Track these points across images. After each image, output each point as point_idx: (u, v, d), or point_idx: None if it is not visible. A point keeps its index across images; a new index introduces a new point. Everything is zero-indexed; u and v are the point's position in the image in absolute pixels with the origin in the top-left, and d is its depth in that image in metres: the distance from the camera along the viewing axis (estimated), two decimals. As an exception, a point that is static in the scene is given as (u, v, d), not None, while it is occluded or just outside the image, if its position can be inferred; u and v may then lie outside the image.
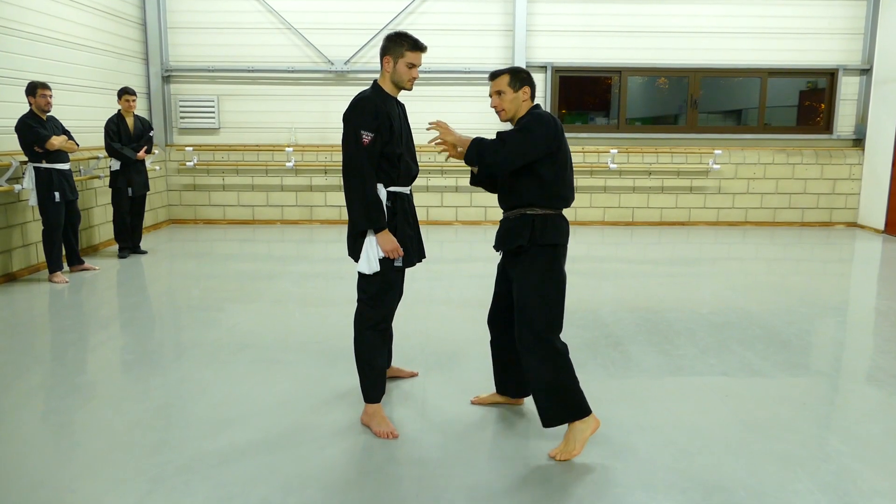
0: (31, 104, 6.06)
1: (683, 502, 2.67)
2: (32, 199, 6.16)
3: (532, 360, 3.02)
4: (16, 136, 6.07)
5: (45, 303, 5.64)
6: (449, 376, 3.98)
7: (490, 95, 3.13)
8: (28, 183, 6.13)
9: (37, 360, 4.26)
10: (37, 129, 5.99)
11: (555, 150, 2.97)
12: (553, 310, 3.03)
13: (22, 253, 6.50)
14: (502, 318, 3.34)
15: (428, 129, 3.13)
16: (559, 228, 3.07)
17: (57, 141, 6.07)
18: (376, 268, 3.18)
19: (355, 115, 3.11)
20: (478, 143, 3.00)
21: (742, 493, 2.74)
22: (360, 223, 3.13)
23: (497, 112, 3.13)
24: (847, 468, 2.95)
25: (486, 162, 2.96)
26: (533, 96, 3.13)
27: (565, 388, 3.00)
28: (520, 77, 3.09)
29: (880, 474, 2.90)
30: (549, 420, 3.04)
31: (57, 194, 6.17)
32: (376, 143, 3.10)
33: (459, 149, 3.05)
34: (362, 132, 3.07)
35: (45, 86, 6.09)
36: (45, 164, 6.12)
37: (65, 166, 6.29)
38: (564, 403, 3.01)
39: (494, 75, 3.13)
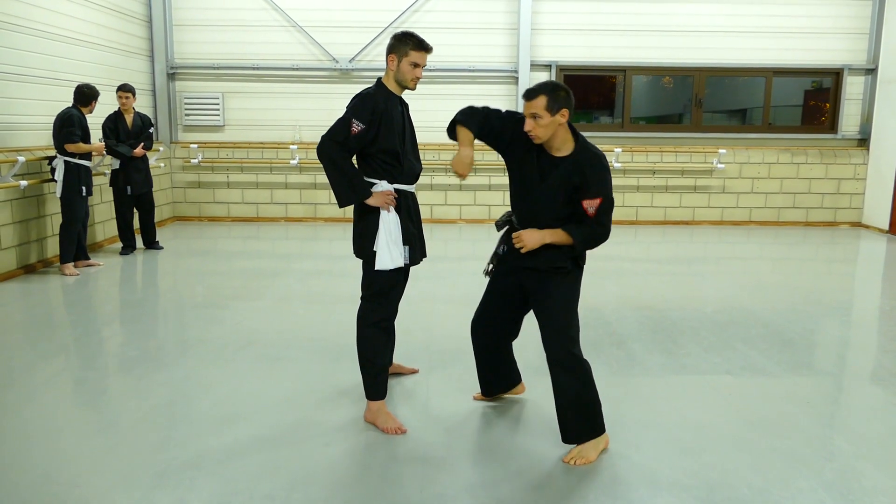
0: (85, 106, 6.29)
1: (688, 500, 2.67)
2: (59, 191, 6.29)
3: (563, 374, 2.98)
4: (23, 132, 6.12)
5: (50, 299, 5.66)
6: (452, 373, 3.98)
7: (525, 116, 2.85)
8: (59, 175, 6.26)
9: (42, 356, 4.27)
10: (75, 130, 6.17)
11: None
12: (577, 321, 3.03)
13: (36, 247, 6.58)
14: (491, 325, 3.32)
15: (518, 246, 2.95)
16: None
17: (85, 146, 6.33)
18: (400, 262, 3.19)
19: (353, 105, 3.15)
20: (583, 236, 2.90)
21: (746, 491, 2.74)
22: (346, 198, 3.15)
23: (530, 136, 2.85)
24: (851, 467, 2.95)
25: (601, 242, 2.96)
26: (571, 118, 2.86)
27: (591, 402, 3.00)
28: (558, 97, 2.77)
29: (884, 473, 2.90)
30: (569, 436, 3.03)
31: (84, 189, 6.38)
32: (364, 136, 3.11)
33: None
34: (354, 120, 3.10)
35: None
36: (76, 160, 6.31)
37: (90, 163, 6.53)
38: (589, 419, 3.00)
39: (530, 94, 2.80)
